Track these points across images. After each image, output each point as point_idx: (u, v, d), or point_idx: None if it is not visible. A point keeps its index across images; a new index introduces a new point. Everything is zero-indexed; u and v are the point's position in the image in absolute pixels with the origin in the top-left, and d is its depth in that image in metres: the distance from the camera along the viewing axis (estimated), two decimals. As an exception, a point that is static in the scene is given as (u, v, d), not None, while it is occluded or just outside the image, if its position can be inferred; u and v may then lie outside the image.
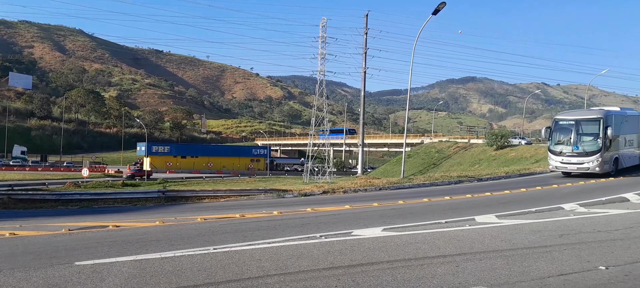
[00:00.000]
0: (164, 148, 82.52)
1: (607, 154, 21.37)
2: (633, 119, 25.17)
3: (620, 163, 22.79)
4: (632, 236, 8.28)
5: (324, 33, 45.21)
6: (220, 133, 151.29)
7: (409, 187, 22.48)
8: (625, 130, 23.39)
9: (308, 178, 45.85)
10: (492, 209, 12.73)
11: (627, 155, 23.76)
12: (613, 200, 14.36)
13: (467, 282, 5.57)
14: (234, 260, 6.83)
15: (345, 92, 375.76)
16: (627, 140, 23.62)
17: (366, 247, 7.73)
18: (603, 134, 20.88)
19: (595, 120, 21.61)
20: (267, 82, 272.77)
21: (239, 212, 13.54)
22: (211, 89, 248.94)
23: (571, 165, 22.12)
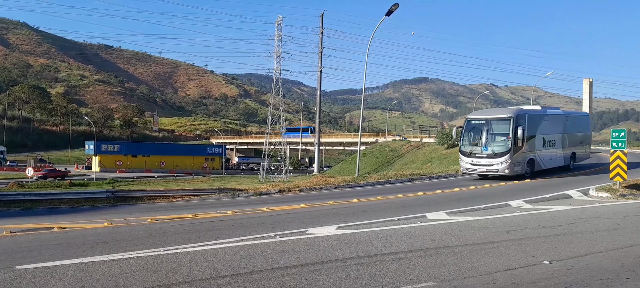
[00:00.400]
0: (113, 146, 79.81)
1: (519, 155, 20.61)
2: (556, 119, 24.32)
3: (537, 165, 22.04)
4: (574, 231, 8.69)
5: (280, 31, 44.99)
6: (174, 131, 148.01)
7: (364, 185, 22.74)
8: (544, 130, 22.58)
9: (264, 178, 45.55)
10: (442, 206, 13.06)
11: (548, 157, 22.97)
12: (557, 197, 15.04)
13: (418, 278, 5.69)
14: (185, 261, 6.70)
15: (301, 90, 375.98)
16: (548, 141, 22.77)
17: (321, 245, 7.76)
18: (513, 134, 20.13)
19: (505, 120, 20.89)
20: (222, 80, 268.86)
21: (191, 212, 13.30)
22: (164, 86, 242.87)
23: (481, 167, 21.30)
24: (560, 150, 24.04)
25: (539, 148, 22.13)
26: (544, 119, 22.83)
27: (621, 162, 15.59)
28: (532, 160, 21.69)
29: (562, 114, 25.50)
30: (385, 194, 17.16)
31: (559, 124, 24.24)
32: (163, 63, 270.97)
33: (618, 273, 5.81)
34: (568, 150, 24.76)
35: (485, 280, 5.55)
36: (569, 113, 28.25)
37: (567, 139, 24.59)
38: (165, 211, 14.48)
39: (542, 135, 22.23)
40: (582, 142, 26.72)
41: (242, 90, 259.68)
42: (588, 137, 28.18)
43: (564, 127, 24.56)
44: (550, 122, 23.40)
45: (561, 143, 24.05)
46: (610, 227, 9.18)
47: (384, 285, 5.42)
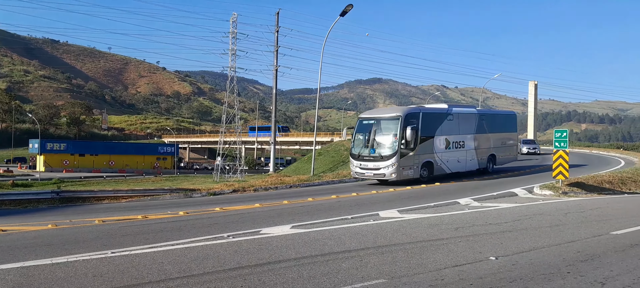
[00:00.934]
0: (60, 145, 76.43)
1: (410, 158, 19.11)
2: (465, 118, 22.66)
3: (438, 169, 20.57)
4: (519, 228, 9.04)
5: (235, 29, 44.51)
6: (123, 130, 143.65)
7: (319, 184, 22.81)
8: (448, 130, 21.11)
9: (218, 177, 44.93)
10: (395, 204, 13.31)
11: (454, 159, 21.46)
12: (503, 195, 15.60)
13: (370, 275, 5.76)
14: (134, 264, 6.51)
15: (257, 89, 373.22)
16: (454, 142, 21.34)
17: (274, 245, 7.72)
18: (401, 134, 18.52)
19: (394, 119, 19.21)
20: (175, 77, 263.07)
21: (141, 213, 12.94)
22: (113, 83, 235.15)
23: (368, 171, 19.58)
24: (473, 153, 22.60)
25: (440, 150, 20.66)
26: (447, 118, 21.32)
27: (563, 161, 16.36)
28: (429, 163, 20.18)
29: (474, 113, 23.74)
30: (340, 193, 17.29)
31: (469, 124, 22.70)
32: (113, 59, 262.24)
33: (559, 267, 6.09)
34: (485, 153, 23.36)
35: (434, 277, 5.68)
36: (485, 112, 26.63)
37: (483, 140, 23.27)
38: (114, 212, 14.03)
39: (444, 135, 20.81)
40: (506, 144, 25.34)
41: (196, 88, 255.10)
42: (514, 139, 26.96)
43: (478, 127, 23.08)
44: (456, 121, 21.86)
45: (474, 144, 22.63)
46: (552, 223, 9.60)
47: (337, 283, 5.45)
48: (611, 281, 5.44)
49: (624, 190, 18.26)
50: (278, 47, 34.34)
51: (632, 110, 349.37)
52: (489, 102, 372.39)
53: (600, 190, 17.25)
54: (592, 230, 8.73)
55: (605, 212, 11.30)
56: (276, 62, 34.26)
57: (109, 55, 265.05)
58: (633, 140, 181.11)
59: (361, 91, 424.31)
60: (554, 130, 17.99)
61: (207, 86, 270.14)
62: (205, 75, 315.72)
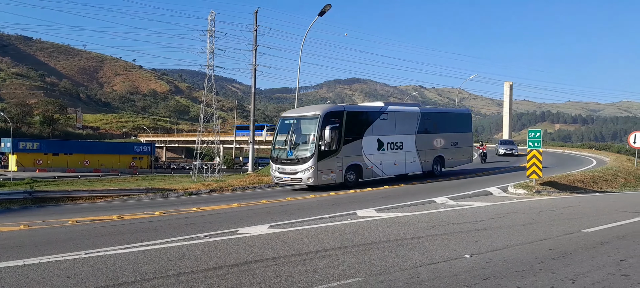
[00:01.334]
0: (33, 144, 74.68)
1: (332, 161, 17.75)
2: (403, 117, 21.23)
3: (368, 172, 19.15)
4: (493, 226, 9.20)
5: (213, 27, 44.18)
6: (98, 128, 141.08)
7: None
8: (382, 130, 19.70)
9: (196, 177, 44.48)
10: (372, 203, 13.40)
11: (390, 162, 20.07)
12: (478, 194, 15.84)
13: (347, 274, 5.79)
14: (108, 264, 6.42)
15: (235, 88, 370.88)
16: (389, 143, 19.93)
17: (252, 244, 7.71)
18: (318, 135, 17.20)
19: (312, 119, 17.91)
20: (152, 75, 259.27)
21: (116, 213, 12.75)
22: (88, 81, 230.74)
23: (286, 176, 18.16)
24: (415, 154, 21.18)
25: (372, 151, 19.26)
26: (379, 117, 19.85)
27: (537, 160, 16.69)
28: (357, 166, 18.78)
29: (415, 112, 22.21)
30: (318, 192, 17.32)
31: (409, 124, 21.28)
32: (88, 57, 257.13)
33: (532, 264, 6.22)
34: (430, 154, 22.05)
35: (410, 274, 5.75)
36: (431, 111, 25.29)
37: (428, 141, 21.96)
38: (88, 212, 13.78)
39: (377, 136, 19.45)
40: (457, 144, 23.80)
41: (173, 86, 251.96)
42: (468, 139, 25.16)
43: (422, 127, 21.71)
44: (392, 121, 20.44)
45: (416, 145, 21.21)
46: (526, 221, 9.80)
47: (314, 282, 5.47)
48: (582, 277, 5.58)
49: (596, 189, 18.73)
50: (257, 46, 34.16)
51: (603, 111, 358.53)
52: (465, 103, 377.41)
53: (573, 189, 17.65)
54: (564, 228, 8.93)
55: (577, 211, 11.58)
56: (255, 61, 34.09)
57: (84, 52, 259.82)
58: (605, 140, 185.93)
59: (340, 91, 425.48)
60: (528, 130, 18.32)
61: (184, 85, 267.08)
62: (182, 74, 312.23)
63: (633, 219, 9.97)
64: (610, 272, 5.82)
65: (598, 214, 10.93)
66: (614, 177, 21.96)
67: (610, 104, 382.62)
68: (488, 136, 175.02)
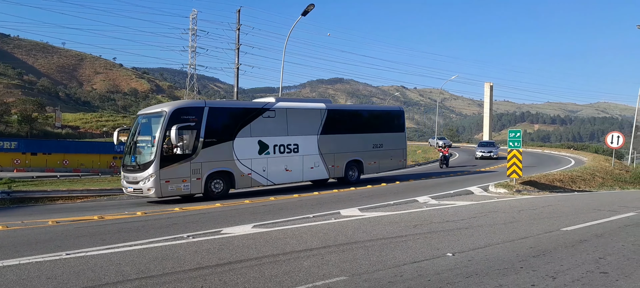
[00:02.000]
0: (10, 144, 72.87)
1: (184, 167, 14.95)
2: (299, 115, 18.26)
3: (243, 180, 16.43)
4: (475, 225, 9.31)
5: (195, 26, 43.97)
6: (78, 128, 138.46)
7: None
8: (266, 130, 17.05)
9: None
10: (356, 203, 13.45)
11: (279, 167, 17.27)
12: (460, 193, 16.00)
13: (331, 273, 5.81)
14: (90, 265, 6.33)
15: (218, 87, 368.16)
16: (276, 145, 17.23)
17: (235, 244, 7.68)
18: (163, 136, 14.48)
19: (157, 117, 15.23)
20: (132, 74, 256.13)
21: (97, 213, 12.58)
22: (67, 80, 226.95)
23: (130, 185, 15.32)
24: (318, 158, 18.45)
25: (248, 155, 16.48)
26: (262, 115, 17.08)
27: (517, 160, 16.93)
28: (225, 174, 15.99)
29: (318, 108, 19.00)
30: (302, 192, 17.31)
31: (309, 123, 18.40)
32: (67, 55, 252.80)
33: (513, 262, 6.31)
34: (342, 159, 19.26)
35: (394, 273, 5.79)
36: (342, 108, 22.62)
37: (338, 142, 19.17)
38: (68, 213, 13.56)
39: (258, 137, 16.74)
40: (383, 147, 20.89)
41: (154, 85, 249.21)
42: (398, 141, 21.91)
43: (329, 126, 18.84)
44: (283, 119, 17.58)
45: (318, 148, 18.43)
46: (507, 220, 9.94)
47: (298, 281, 5.48)
48: (561, 275, 5.68)
49: (574, 188, 19.08)
50: (239, 44, 34.00)
51: (581, 112, 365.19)
52: (447, 103, 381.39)
53: (552, 188, 17.94)
54: (544, 227, 9.08)
55: (557, 209, 11.78)
56: (237, 60, 33.93)
57: (63, 50, 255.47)
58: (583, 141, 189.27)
59: (323, 91, 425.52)
60: (508, 130, 18.56)
61: (166, 83, 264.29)
62: (164, 72, 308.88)
63: (611, 218, 10.19)
64: (589, 270, 5.94)
65: (577, 213, 11.14)
66: (592, 176, 22.39)
67: (588, 105, 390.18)
68: (469, 136, 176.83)
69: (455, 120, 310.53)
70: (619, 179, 24.13)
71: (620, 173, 26.24)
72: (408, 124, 61.34)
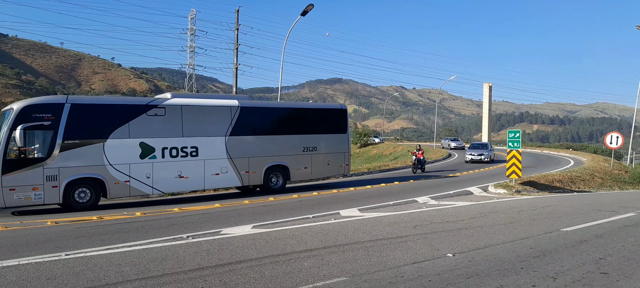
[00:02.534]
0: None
1: (35, 174, 13.02)
2: (200, 113, 16.02)
3: (119, 188, 14.33)
4: (475, 225, 9.31)
5: (193, 25, 43.93)
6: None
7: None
8: (151, 130, 14.90)
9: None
10: (355, 203, 13.44)
11: (171, 174, 15.15)
12: (459, 193, 16.01)
13: (331, 274, 5.80)
14: (90, 266, 6.31)
15: (216, 87, 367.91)
16: (166, 148, 15.05)
17: (235, 245, 7.66)
18: (7, 137, 12.73)
19: (4, 115, 13.59)
20: (131, 74, 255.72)
21: (96, 213, 12.56)
22: (66, 79, 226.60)
23: None
24: (227, 163, 16.19)
25: (126, 160, 14.41)
26: (147, 112, 14.92)
27: (517, 160, 16.94)
28: (93, 181, 13.98)
29: (226, 106, 16.74)
30: (301, 192, 17.29)
31: (213, 122, 16.28)
32: (65, 55, 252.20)
33: (513, 263, 6.31)
34: (259, 164, 16.98)
35: (394, 274, 5.78)
36: (259, 106, 19.24)
37: (254, 145, 17.01)
38: (67, 213, 13.54)
39: (141, 138, 14.64)
40: (316, 150, 18.57)
41: (153, 85, 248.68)
42: (339, 144, 19.42)
43: (242, 126, 16.67)
44: (176, 118, 15.42)
45: (227, 151, 16.22)
46: (506, 220, 9.94)
47: (298, 282, 5.47)
48: (562, 276, 5.68)
49: (574, 189, 19.10)
50: (238, 44, 33.98)
51: (580, 112, 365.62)
52: (446, 103, 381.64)
53: (552, 189, 17.96)
54: (544, 227, 9.08)
55: (556, 210, 11.79)
56: (236, 60, 33.91)
57: (61, 50, 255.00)
58: (581, 141, 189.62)
59: (322, 91, 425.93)
60: (507, 130, 18.57)
61: (164, 83, 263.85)
62: (162, 72, 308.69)
63: (611, 218, 10.20)
64: (590, 270, 5.94)
65: (577, 213, 11.15)
66: (591, 177, 22.42)
67: (587, 105, 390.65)
68: (468, 137, 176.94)
69: (454, 121, 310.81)
70: (618, 180, 24.17)
71: (619, 173, 26.28)
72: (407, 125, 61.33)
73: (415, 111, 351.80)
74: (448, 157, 40.21)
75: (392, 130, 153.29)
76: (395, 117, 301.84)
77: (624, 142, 27.52)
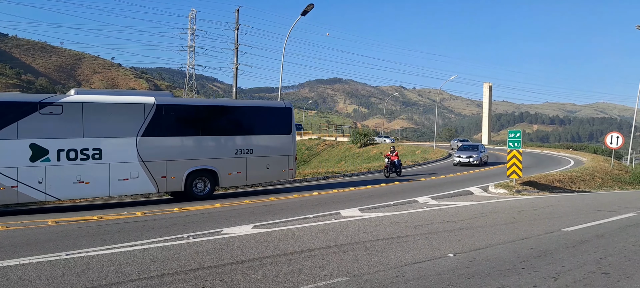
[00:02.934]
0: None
1: None
2: (100, 111, 14.26)
3: (31, 192, 13.15)
4: (475, 225, 9.30)
5: (193, 25, 43.94)
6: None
7: (280, 183, 22.73)
8: (45, 131, 13.41)
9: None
10: (356, 203, 13.43)
11: (67, 177, 13.59)
12: (460, 193, 16.00)
13: (332, 274, 5.80)
14: (90, 266, 6.31)
15: (216, 87, 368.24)
16: (64, 151, 13.55)
17: (236, 245, 7.66)
18: None
19: None
20: (131, 74, 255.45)
21: (97, 213, 12.56)
22: (66, 79, 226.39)
23: None
24: (138, 167, 14.65)
25: (9, 163, 12.92)
26: (39, 110, 13.41)
27: (517, 160, 16.93)
28: None
29: (138, 104, 15.09)
30: (301, 192, 17.29)
31: (121, 121, 14.69)
32: (65, 54, 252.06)
33: (514, 263, 6.30)
34: (178, 168, 15.39)
35: (395, 274, 5.78)
36: (179, 104, 16.69)
37: (172, 147, 15.51)
38: (68, 213, 13.54)
39: (31, 139, 13.13)
40: (253, 153, 16.97)
41: (153, 85, 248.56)
42: (282, 146, 17.80)
43: (157, 126, 15.13)
44: (76, 117, 13.88)
45: (138, 154, 14.66)
46: (507, 220, 9.93)
47: (299, 282, 5.46)
48: (563, 276, 5.68)
49: (574, 189, 19.09)
50: (238, 44, 33.98)
51: (580, 112, 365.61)
52: (446, 103, 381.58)
53: (552, 189, 17.95)
54: (545, 227, 9.08)
55: (557, 210, 11.78)
56: (236, 60, 33.91)
57: (61, 50, 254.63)
58: (581, 141, 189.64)
59: (322, 91, 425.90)
60: (507, 130, 18.56)
61: (164, 83, 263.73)
62: (162, 72, 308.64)
63: (611, 218, 10.19)
64: (591, 270, 5.93)
65: (577, 213, 11.14)
66: (591, 177, 22.41)
67: (587, 105, 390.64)
68: (467, 136, 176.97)
69: (454, 121, 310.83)
70: (618, 179, 24.17)
71: (620, 173, 26.27)
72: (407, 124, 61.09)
73: (416, 111, 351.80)
74: (448, 157, 40.14)
75: (392, 130, 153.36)
76: (395, 116, 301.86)
77: (624, 142, 27.51)
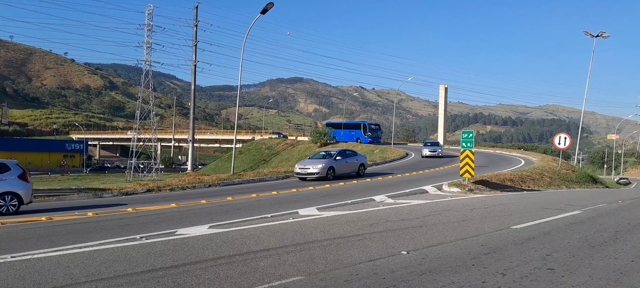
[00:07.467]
0: (-50, 141, 69.37)
1: None
2: None
3: None
4: (429, 223, 9.51)
5: (150, 21, 42.81)
6: (26, 125, 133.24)
7: (239, 183, 22.56)
8: None
9: (132, 176, 42.95)
10: (314, 202, 13.48)
11: None
12: (415, 192, 16.31)
13: (288, 273, 5.80)
14: (37, 268, 6.07)
15: (174, 84, 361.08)
16: None
17: (191, 246, 7.54)
18: None
19: None
20: (85, 70, 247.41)
21: (45, 214, 12.10)
22: (15, 75, 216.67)
23: None
24: None
25: None
26: None
27: (470, 160, 17.41)
28: None
29: None
30: (260, 192, 17.21)
31: None
32: (15, 49, 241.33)
33: (465, 260, 6.48)
34: None
35: (350, 271, 5.84)
36: None
37: None
38: (14, 214, 12.97)
39: None
40: None
41: (108, 81, 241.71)
42: None
43: None
44: None
45: None
46: (459, 218, 10.20)
47: (254, 282, 5.43)
48: (511, 271, 5.88)
49: (524, 188, 19.80)
50: (197, 41, 33.48)
51: (531, 114, 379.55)
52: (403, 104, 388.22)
53: (503, 188, 18.56)
54: (495, 225, 9.38)
55: (507, 208, 12.19)
56: (195, 57, 33.38)
57: (11, 44, 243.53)
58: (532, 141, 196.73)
59: (283, 90, 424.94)
60: (461, 131, 19.06)
61: (120, 80, 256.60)
62: (118, 69, 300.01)
63: (558, 216, 10.64)
64: (537, 266, 6.17)
65: (526, 211, 11.56)
66: (540, 176, 23.29)
67: (537, 107, 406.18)
68: (424, 137, 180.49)
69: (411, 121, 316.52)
70: (566, 179, 25.24)
71: (567, 173, 27.44)
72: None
73: (375, 111, 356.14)
74: (405, 156, 40.82)
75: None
76: (355, 116, 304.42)
77: (572, 143, 28.72)
